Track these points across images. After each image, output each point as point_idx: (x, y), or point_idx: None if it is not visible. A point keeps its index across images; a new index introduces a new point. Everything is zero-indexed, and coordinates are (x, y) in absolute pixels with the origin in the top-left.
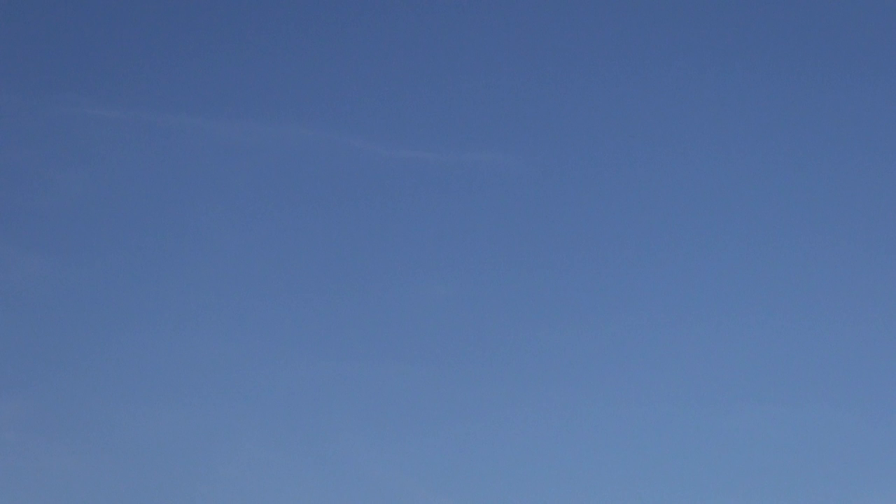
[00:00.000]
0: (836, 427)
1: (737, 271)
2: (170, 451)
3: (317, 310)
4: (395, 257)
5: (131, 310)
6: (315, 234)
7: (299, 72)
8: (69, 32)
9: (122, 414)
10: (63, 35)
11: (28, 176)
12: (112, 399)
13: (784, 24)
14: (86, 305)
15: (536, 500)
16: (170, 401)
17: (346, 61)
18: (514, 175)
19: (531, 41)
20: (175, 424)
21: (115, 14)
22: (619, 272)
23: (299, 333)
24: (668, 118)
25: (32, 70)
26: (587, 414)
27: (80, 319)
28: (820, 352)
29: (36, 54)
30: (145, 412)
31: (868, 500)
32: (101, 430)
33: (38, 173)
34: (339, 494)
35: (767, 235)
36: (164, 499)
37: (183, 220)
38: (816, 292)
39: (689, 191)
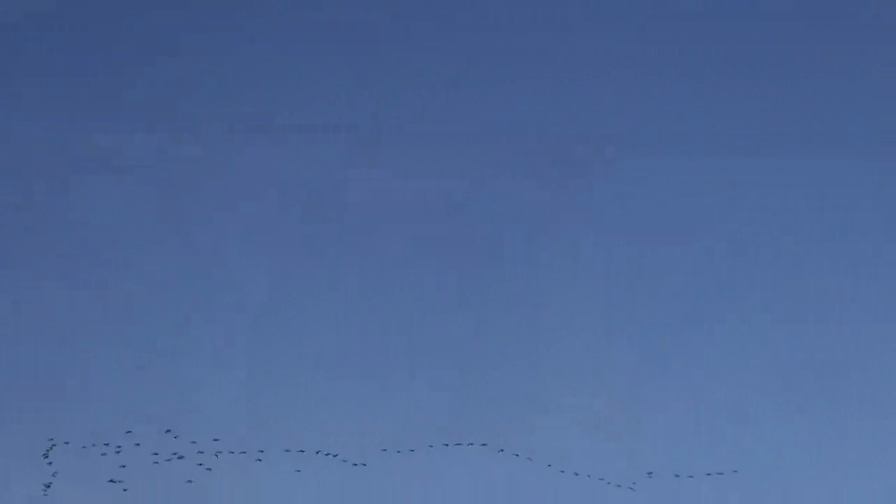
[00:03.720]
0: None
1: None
2: None
3: (332, 337)
4: (416, 288)
5: (145, 337)
6: (331, 261)
7: (314, 99)
8: (79, 58)
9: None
10: (73, 61)
11: (40, 200)
12: (114, 426)
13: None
14: (97, 330)
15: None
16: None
17: (360, 90)
18: (533, 203)
19: (553, 71)
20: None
21: (125, 39)
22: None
23: (310, 357)
24: (680, 132)
25: (42, 96)
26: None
27: (91, 344)
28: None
29: (46, 81)
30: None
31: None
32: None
33: (50, 198)
34: None
35: (782, 247)
36: None
37: (195, 246)
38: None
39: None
